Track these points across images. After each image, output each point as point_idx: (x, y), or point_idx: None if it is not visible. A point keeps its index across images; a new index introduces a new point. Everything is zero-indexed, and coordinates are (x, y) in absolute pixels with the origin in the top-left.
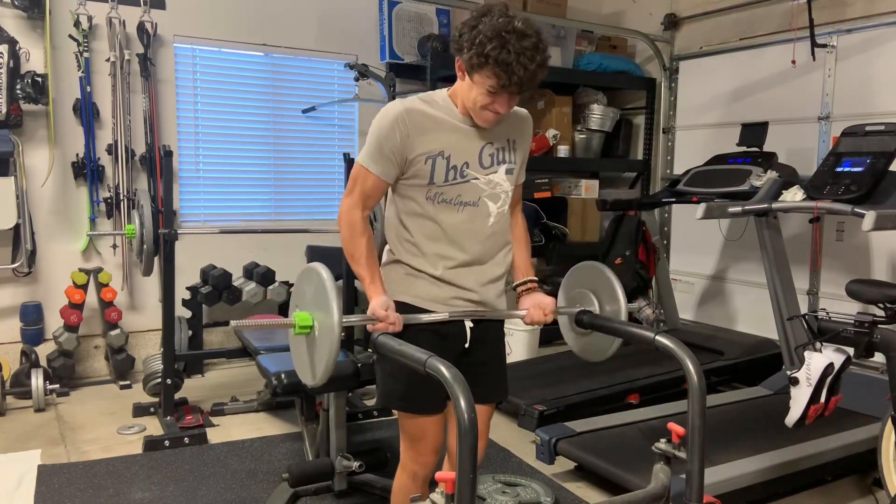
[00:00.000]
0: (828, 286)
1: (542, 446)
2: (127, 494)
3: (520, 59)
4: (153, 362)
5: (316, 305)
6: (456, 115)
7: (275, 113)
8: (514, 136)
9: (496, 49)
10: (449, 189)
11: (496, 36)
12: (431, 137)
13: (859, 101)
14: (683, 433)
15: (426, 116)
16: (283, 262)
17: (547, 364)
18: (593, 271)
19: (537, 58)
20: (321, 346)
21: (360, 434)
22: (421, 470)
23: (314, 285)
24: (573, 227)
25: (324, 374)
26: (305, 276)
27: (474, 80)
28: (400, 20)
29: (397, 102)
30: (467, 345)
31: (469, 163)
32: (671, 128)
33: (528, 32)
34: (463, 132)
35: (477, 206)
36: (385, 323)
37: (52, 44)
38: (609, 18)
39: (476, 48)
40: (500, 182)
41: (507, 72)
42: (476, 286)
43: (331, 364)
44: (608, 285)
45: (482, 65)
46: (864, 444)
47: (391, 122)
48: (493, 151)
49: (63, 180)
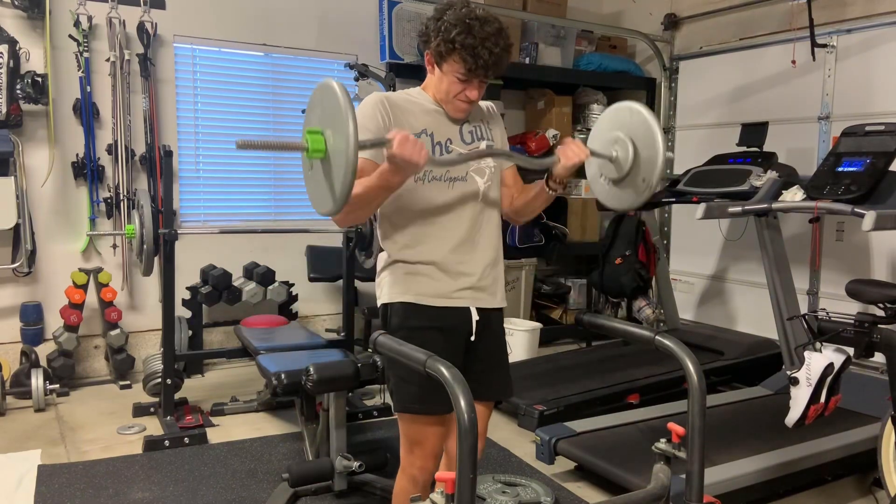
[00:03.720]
0: (828, 286)
1: (542, 446)
2: (127, 494)
3: (485, 43)
4: (153, 362)
5: (329, 124)
6: (430, 101)
7: (275, 113)
8: (486, 120)
9: (461, 34)
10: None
11: (460, 23)
12: (412, 118)
13: (859, 101)
14: (683, 433)
15: (405, 101)
16: (283, 262)
17: (547, 364)
18: (629, 113)
19: (501, 42)
20: (336, 167)
21: (360, 434)
22: (420, 474)
23: (326, 104)
24: (573, 226)
25: (341, 196)
26: (318, 94)
27: (443, 69)
28: (400, 20)
29: (375, 93)
30: (473, 337)
31: (451, 139)
32: (671, 128)
33: (490, 19)
34: (440, 115)
35: (465, 181)
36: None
37: (52, 44)
38: (609, 18)
39: (442, 35)
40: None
41: (473, 55)
42: (474, 268)
43: (348, 185)
44: (645, 128)
45: (450, 51)
46: (864, 444)
47: (372, 106)
48: (472, 129)
49: (63, 180)
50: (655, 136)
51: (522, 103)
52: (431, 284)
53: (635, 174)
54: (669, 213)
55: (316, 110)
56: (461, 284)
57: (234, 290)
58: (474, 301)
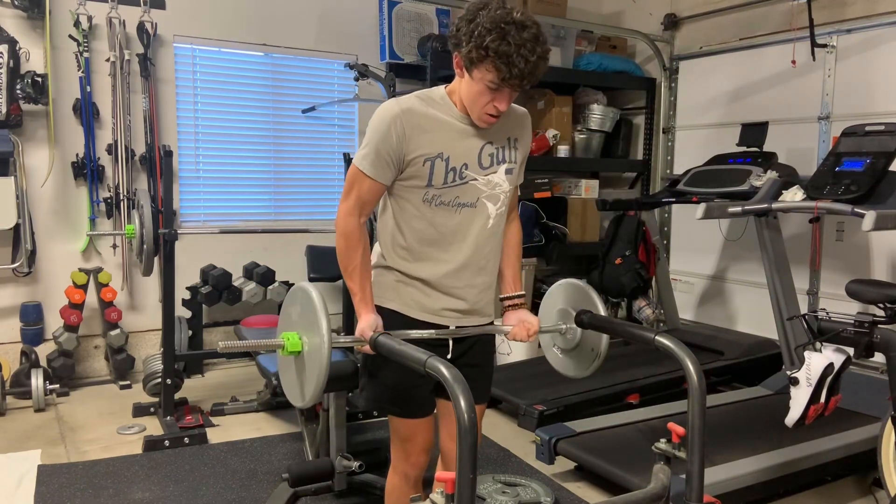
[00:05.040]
0: (828, 286)
1: (542, 446)
2: (127, 494)
3: (520, 50)
4: (153, 362)
5: (305, 327)
6: (455, 113)
7: (275, 113)
8: (514, 135)
9: (496, 41)
10: (447, 191)
11: (495, 27)
12: (430, 138)
13: (859, 101)
14: (683, 433)
15: (424, 117)
16: (283, 262)
17: (547, 364)
18: (572, 288)
19: (538, 49)
20: (310, 368)
21: (360, 434)
22: (412, 470)
23: (302, 305)
24: (573, 227)
25: (313, 396)
26: (292, 296)
27: (473, 75)
28: (400, 20)
29: (394, 102)
30: (449, 356)
31: (468, 164)
32: (671, 128)
33: (527, 23)
34: (462, 131)
35: (475, 208)
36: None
37: (52, 44)
38: (609, 18)
39: (475, 41)
40: (499, 182)
41: (507, 64)
42: (468, 293)
43: (320, 387)
44: (588, 300)
45: (482, 58)
46: (864, 444)
47: (388, 123)
48: (493, 151)
49: (63, 180)
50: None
51: (522, 103)
52: (420, 298)
53: (584, 345)
54: (669, 213)
55: (293, 313)
56: (450, 305)
57: (234, 290)
58: (458, 321)
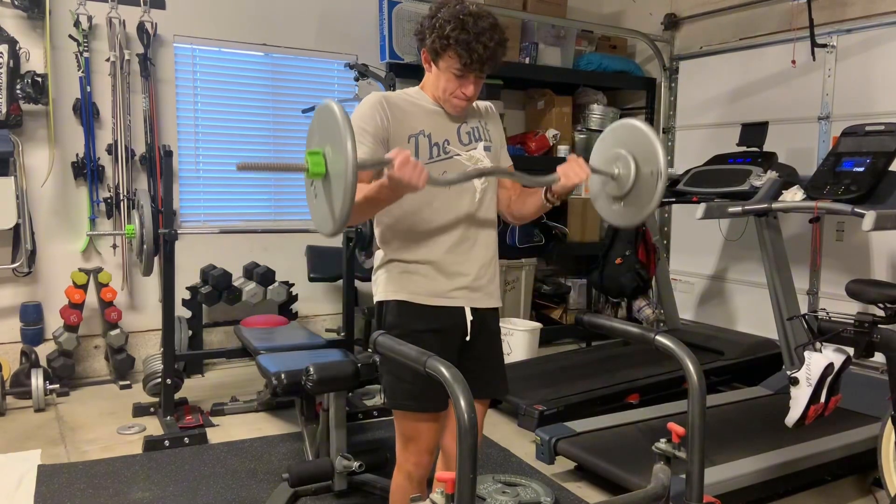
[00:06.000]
0: (828, 286)
1: (542, 446)
2: (127, 494)
3: (479, 38)
4: (153, 362)
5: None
6: (429, 101)
7: (275, 113)
8: (483, 121)
9: (455, 30)
10: (434, 166)
11: (454, 19)
12: (411, 119)
13: (859, 101)
14: (683, 433)
15: (403, 101)
16: (283, 262)
17: (547, 364)
18: (631, 129)
19: (496, 36)
20: (336, 185)
21: (360, 434)
22: (416, 470)
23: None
24: (573, 226)
25: (342, 216)
26: (319, 115)
27: (440, 66)
28: (400, 20)
29: (374, 93)
30: (468, 337)
31: (449, 140)
32: (671, 128)
33: (483, 14)
34: (438, 114)
35: (461, 184)
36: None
37: (52, 44)
38: (609, 18)
39: (437, 32)
40: (480, 158)
41: (468, 50)
42: (470, 267)
43: (348, 205)
44: (647, 144)
45: (445, 47)
46: (864, 444)
47: (371, 106)
48: (469, 129)
49: (63, 180)
50: (657, 152)
51: (522, 103)
52: (426, 283)
53: (637, 191)
54: (669, 213)
55: (317, 132)
56: (456, 284)
57: (234, 290)
58: (469, 301)
